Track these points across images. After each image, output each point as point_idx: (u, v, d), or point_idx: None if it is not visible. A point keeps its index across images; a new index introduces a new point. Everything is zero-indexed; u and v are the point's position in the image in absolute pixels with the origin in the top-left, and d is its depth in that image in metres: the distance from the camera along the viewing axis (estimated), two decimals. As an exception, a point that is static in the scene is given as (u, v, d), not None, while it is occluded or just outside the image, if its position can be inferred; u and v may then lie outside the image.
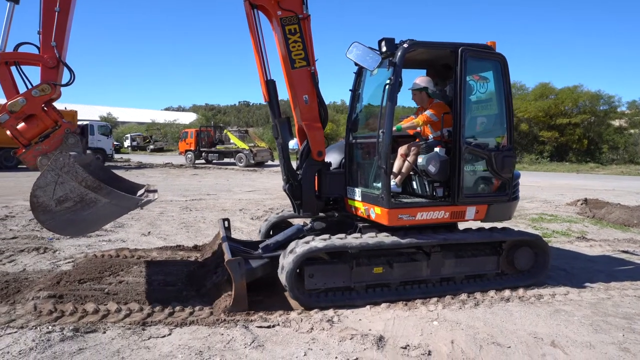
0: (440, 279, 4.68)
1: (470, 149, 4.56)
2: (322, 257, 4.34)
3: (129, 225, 7.90)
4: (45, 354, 3.07)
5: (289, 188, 4.89)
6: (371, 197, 4.58)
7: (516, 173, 4.99)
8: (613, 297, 4.63)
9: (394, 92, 4.37)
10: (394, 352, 3.34)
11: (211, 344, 3.37)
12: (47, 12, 3.82)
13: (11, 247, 5.97)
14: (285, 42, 4.57)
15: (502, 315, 4.08)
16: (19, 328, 3.43)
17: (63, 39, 3.92)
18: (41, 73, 3.87)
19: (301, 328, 3.69)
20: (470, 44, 4.58)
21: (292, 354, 3.25)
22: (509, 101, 4.78)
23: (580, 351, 3.42)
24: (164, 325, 3.63)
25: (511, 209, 5.02)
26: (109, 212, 3.98)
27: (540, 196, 13.57)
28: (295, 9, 4.57)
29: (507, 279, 4.90)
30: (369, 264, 4.41)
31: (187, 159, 29.05)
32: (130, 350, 3.22)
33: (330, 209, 5.22)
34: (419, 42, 4.43)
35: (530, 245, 4.94)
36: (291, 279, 4.07)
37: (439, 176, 4.52)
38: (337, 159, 5.21)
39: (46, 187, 3.53)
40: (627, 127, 34.20)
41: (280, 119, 4.81)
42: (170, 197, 12.07)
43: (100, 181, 3.79)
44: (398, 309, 4.18)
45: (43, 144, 3.88)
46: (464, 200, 4.58)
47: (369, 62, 4.29)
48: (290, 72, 4.64)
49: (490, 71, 4.81)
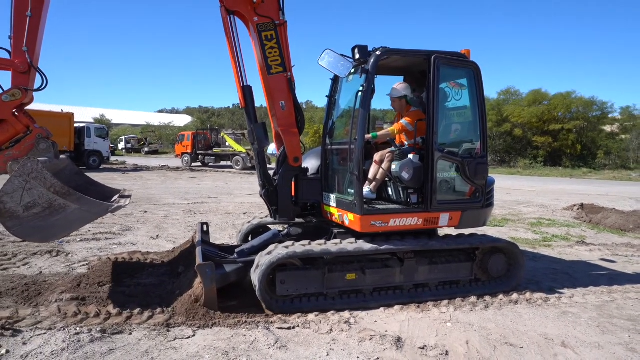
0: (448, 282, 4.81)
1: (443, 155, 4.58)
2: (295, 264, 4.31)
3: (136, 228, 7.96)
4: (78, 355, 3.16)
5: (265, 193, 4.90)
6: (345, 204, 4.60)
7: (490, 179, 5.00)
8: (616, 300, 4.80)
9: (367, 99, 4.43)
10: (413, 352, 3.47)
11: (235, 344, 3.47)
12: (18, 16, 3.80)
13: (23, 250, 6.02)
14: (262, 48, 4.58)
15: (512, 317, 4.22)
16: (47, 329, 3.51)
17: (35, 44, 3.89)
18: (12, 78, 3.86)
19: (320, 329, 3.81)
20: (443, 52, 4.62)
21: (315, 354, 3.37)
22: (482, 109, 4.81)
23: (590, 351, 3.58)
24: (187, 327, 3.72)
25: (485, 216, 5.02)
26: (78, 217, 3.93)
27: (536, 201, 13.80)
28: (271, 15, 4.59)
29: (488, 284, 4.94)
30: (342, 270, 4.42)
31: (184, 161, 29.04)
32: (159, 350, 3.31)
33: (308, 214, 5.25)
34: (392, 49, 4.47)
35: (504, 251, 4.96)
36: (263, 293, 4.11)
37: (413, 183, 4.55)
38: (314, 165, 5.22)
39: (13, 193, 3.51)
40: (618, 132, 34.77)
41: (256, 125, 4.80)
42: (172, 200, 12.13)
43: (75, 186, 3.79)
44: (411, 311, 4.32)
45: (14, 149, 3.89)
46: (437, 207, 4.60)
47: (340, 69, 4.34)
48: (267, 78, 4.64)
49: (464, 79, 4.85)
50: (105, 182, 5.49)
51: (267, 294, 4.17)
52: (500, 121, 34.34)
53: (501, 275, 4.97)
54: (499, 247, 4.93)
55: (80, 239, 6.93)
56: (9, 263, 5.49)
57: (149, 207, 10.69)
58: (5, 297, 4.19)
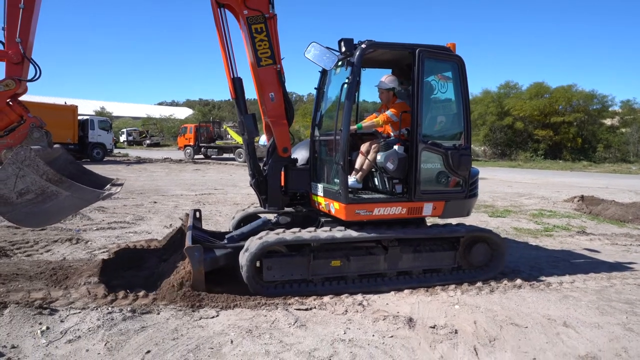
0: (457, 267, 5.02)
1: (427, 147, 4.67)
2: (281, 250, 4.46)
3: (148, 218, 8.18)
4: (113, 331, 3.38)
5: (255, 183, 5.02)
6: (331, 193, 4.74)
7: (474, 170, 5.10)
8: (615, 285, 5.03)
9: (352, 91, 4.52)
10: (424, 331, 3.69)
11: (257, 323, 3.70)
12: (11, 7, 3.88)
13: (44, 238, 6.24)
14: (252, 40, 4.64)
15: (516, 300, 4.45)
16: (80, 309, 3.73)
17: (28, 35, 3.99)
18: (6, 69, 3.96)
19: (336, 310, 4.04)
20: (428, 45, 4.71)
21: (334, 332, 3.59)
22: (466, 102, 4.90)
23: (590, 330, 3.81)
24: (210, 308, 3.95)
25: (469, 206, 5.13)
26: (70, 204, 4.05)
27: (537, 193, 14.03)
28: (261, 9, 4.64)
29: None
30: (327, 257, 4.55)
31: (186, 154, 29.25)
32: (187, 329, 3.53)
33: (297, 203, 5.39)
34: (377, 43, 4.57)
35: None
36: (249, 277, 4.22)
37: (397, 173, 4.67)
38: (304, 156, 5.35)
39: (7, 180, 3.64)
40: (618, 126, 34.96)
41: (246, 116, 4.88)
42: (179, 191, 12.33)
43: (68, 175, 3.92)
44: (420, 294, 4.55)
45: (8, 137, 4.05)
46: (420, 197, 4.70)
47: (325, 61, 4.41)
48: (257, 70, 4.70)
49: (449, 72, 4.94)
50: (111, 174, 5.64)
51: (254, 279, 4.29)
52: (502, 114, 34.50)
53: (483, 264, 5.10)
54: (482, 236, 5.06)
55: (96, 227, 7.15)
56: (31, 250, 5.71)
57: (157, 197, 10.90)
58: (35, 280, 4.42)
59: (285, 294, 4.36)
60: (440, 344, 3.48)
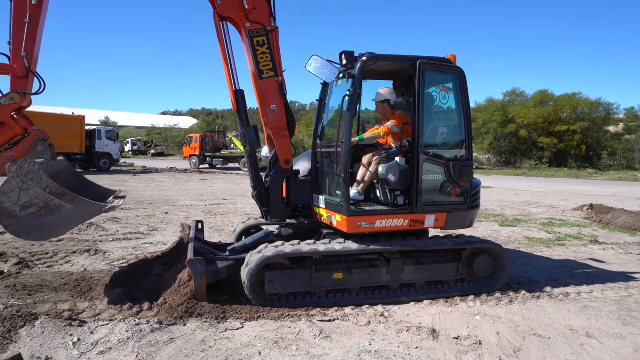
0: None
1: (429, 158, 4.69)
2: (284, 263, 4.44)
3: (162, 229, 8.24)
4: (142, 343, 3.43)
5: (257, 195, 5.03)
6: (333, 205, 4.72)
7: (476, 182, 5.10)
8: (634, 295, 5.05)
9: (353, 104, 4.55)
10: (449, 342, 3.72)
11: (283, 335, 3.73)
12: (17, 23, 3.97)
13: (62, 249, 6.30)
14: (254, 53, 4.68)
15: (537, 311, 4.47)
16: (108, 320, 3.78)
17: (33, 49, 4.06)
18: (11, 82, 4.03)
19: (359, 322, 4.06)
20: (429, 57, 4.72)
21: (359, 344, 3.62)
22: (467, 113, 4.91)
23: (614, 341, 3.83)
24: (235, 319, 3.99)
25: (471, 217, 5.10)
26: (73, 217, 4.08)
27: (545, 201, 14.04)
28: (263, 22, 4.69)
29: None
30: (329, 269, 4.55)
31: (192, 163, 29.39)
32: (214, 340, 3.57)
33: (299, 215, 5.37)
34: (378, 55, 4.61)
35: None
36: (252, 291, 4.23)
37: (399, 185, 4.66)
38: (306, 167, 5.34)
39: (11, 193, 3.66)
40: (623, 133, 34.97)
41: (248, 128, 4.90)
42: (189, 202, 12.41)
43: (71, 187, 3.94)
44: (440, 305, 4.57)
45: (12, 150, 4.10)
46: (422, 209, 4.70)
47: (327, 74, 4.46)
48: (259, 83, 4.75)
49: (450, 83, 4.97)
50: (119, 184, 5.71)
51: (256, 293, 4.28)
52: (506, 122, 34.56)
53: (487, 275, 5.06)
54: (485, 248, 5.02)
55: (112, 238, 7.22)
56: (51, 261, 5.78)
57: (168, 208, 10.98)
58: (60, 292, 4.47)
59: (290, 306, 4.33)
60: (465, 355, 3.51)
